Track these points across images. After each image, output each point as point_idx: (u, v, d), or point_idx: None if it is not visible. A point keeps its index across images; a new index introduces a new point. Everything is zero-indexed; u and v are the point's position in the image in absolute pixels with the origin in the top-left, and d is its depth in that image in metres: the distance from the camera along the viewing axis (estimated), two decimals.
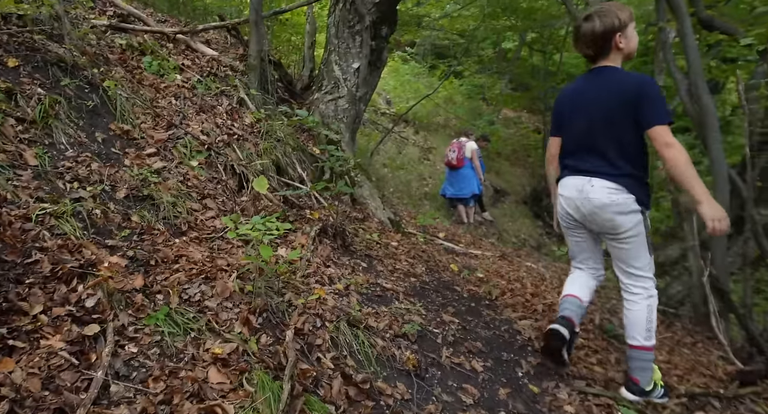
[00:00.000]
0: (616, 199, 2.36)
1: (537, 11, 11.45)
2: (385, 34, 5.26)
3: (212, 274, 2.35)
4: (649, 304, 2.43)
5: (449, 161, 8.38)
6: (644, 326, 2.42)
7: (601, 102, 2.38)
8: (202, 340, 1.96)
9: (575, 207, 2.50)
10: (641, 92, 2.27)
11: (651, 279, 2.47)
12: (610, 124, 2.35)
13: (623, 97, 2.31)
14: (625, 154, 2.35)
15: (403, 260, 3.90)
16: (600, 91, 2.40)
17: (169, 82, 3.80)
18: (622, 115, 2.32)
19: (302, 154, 4.43)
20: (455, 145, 8.39)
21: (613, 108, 2.34)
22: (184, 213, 2.75)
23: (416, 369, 2.36)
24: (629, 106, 2.29)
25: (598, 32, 2.37)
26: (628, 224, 2.38)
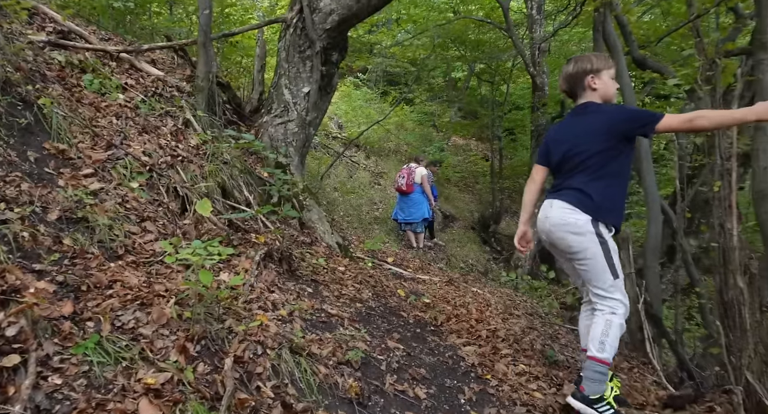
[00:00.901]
0: (569, 220, 2.48)
1: (485, 43, 11.86)
2: (335, 59, 5.31)
3: (149, 300, 2.26)
4: (608, 319, 2.47)
5: (399, 187, 8.45)
6: (598, 338, 2.47)
7: (584, 131, 2.54)
8: (134, 369, 1.86)
9: (540, 227, 2.66)
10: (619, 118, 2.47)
11: (615, 299, 2.50)
12: (589, 150, 2.50)
13: (603, 126, 2.48)
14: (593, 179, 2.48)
15: (350, 285, 3.88)
16: (583, 122, 2.58)
17: (110, 101, 3.69)
18: (604, 141, 2.47)
19: (249, 177, 4.37)
20: (405, 171, 8.50)
21: (595, 136, 2.49)
22: (122, 236, 2.65)
23: (359, 397, 2.33)
24: (617, 129, 2.45)
25: (572, 72, 2.62)
26: (582, 245, 2.47)
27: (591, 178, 2.49)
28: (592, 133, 2.50)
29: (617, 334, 2.47)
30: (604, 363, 2.47)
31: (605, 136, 2.47)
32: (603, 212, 2.49)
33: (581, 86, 2.61)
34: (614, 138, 2.46)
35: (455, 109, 16.99)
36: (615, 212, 2.53)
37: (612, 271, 2.48)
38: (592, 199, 2.47)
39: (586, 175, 2.50)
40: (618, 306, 2.49)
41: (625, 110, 2.59)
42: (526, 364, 3.19)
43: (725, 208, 2.97)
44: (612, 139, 2.46)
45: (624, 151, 2.51)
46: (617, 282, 2.50)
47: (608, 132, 2.47)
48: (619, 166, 2.51)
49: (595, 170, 2.48)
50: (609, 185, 2.49)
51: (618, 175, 2.52)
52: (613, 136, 2.46)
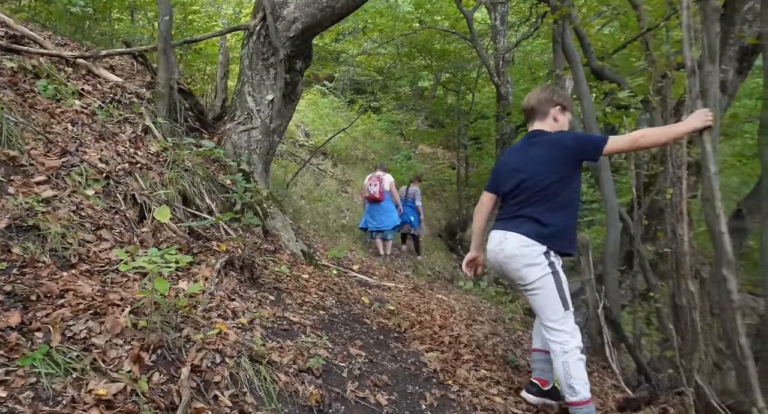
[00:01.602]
0: (525, 252, 2.52)
1: (450, 53, 12.03)
2: (299, 67, 5.31)
3: (102, 310, 2.20)
4: (564, 360, 2.48)
5: (372, 195, 8.44)
6: (565, 384, 2.49)
7: (538, 160, 2.60)
8: (85, 380, 1.82)
9: (492, 258, 2.70)
10: (572, 142, 2.57)
11: (566, 333, 2.51)
12: (545, 180, 2.55)
13: (558, 151, 2.56)
14: (549, 209, 2.54)
15: (314, 293, 3.86)
16: (536, 151, 2.63)
17: (66, 107, 3.61)
18: (558, 170, 2.54)
19: (212, 185, 4.31)
20: (375, 179, 8.52)
21: (546, 162, 2.56)
22: (75, 244, 2.58)
23: (319, 404, 2.32)
24: (565, 156, 2.54)
25: (546, 97, 2.71)
26: (535, 276, 2.52)
27: (546, 208, 2.53)
28: (547, 162, 2.56)
29: (580, 369, 2.49)
30: (584, 403, 2.49)
31: (559, 165, 2.54)
32: (558, 241, 2.54)
33: (546, 112, 2.70)
34: (568, 166, 2.55)
35: (422, 118, 17.14)
36: (569, 241, 2.60)
37: (563, 303, 2.52)
38: (548, 229, 2.51)
39: (541, 205, 2.54)
40: (568, 340, 2.50)
41: (575, 137, 2.68)
42: (488, 369, 3.23)
43: (677, 215, 3.07)
44: (566, 168, 2.55)
45: (574, 178, 2.59)
46: (568, 313, 2.53)
47: (563, 160, 2.54)
48: (571, 193, 2.58)
49: (550, 199, 2.54)
50: (564, 215, 2.55)
51: (570, 203, 2.59)
52: (567, 164, 2.54)
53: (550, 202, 2.53)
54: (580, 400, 2.47)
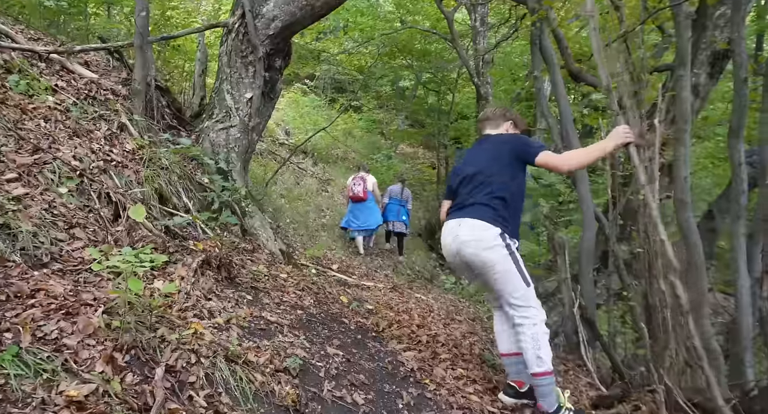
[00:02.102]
0: (480, 235, 2.63)
1: (431, 53, 12.07)
2: (279, 66, 5.28)
3: (75, 310, 2.17)
4: (533, 333, 2.58)
5: (356, 194, 8.55)
6: (534, 354, 2.57)
7: (485, 156, 2.80)
8: (56, 381, 1.79)
9: (448, 248, 2.79)
10: (515, 141, 2.77)
11: (532, 308, 2.63)
12: (494, 171, 2.72)
13: (504, 148, 2.76)
14: (497, 196, 2.67)
15: (292, 292, 3.84)
16: (485, 148, 2.85)
17: (39, 103, 3.54)
18: (501, 162, 2.72)
19: (189, 183, 4.28)
20: (359, 179, 8.65)
21: (494, 158, 2.75)
22: (47, 243, 2.54)
23: (296, 404, 2.31)
24: (510, 153, 2.72)
25: (501, 112, 3.00)
26: (494, 258, 2.61)
27: (494, 195, 2.67)
28: (493, 155, 2.77)
29: (546, 342, 2.60)
30: (548, 374, 2.58)
31: (501, 157, 2.74)
32: (509, 224, 2.67)
33: (498, 123, 2.96)
34: (508, 159, 2.72)
35: (403, 118, 17.18)
36: (516, 225, 2.74)
37: (524, 279, 2.63)
38: (499, 212, 2.65)
39: (489, 192, 2.69)
40: (535, 314, 2.62)
41: (518, 140, 2.83)
42: (464, 368, 3.25)
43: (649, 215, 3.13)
44: (507, 160, 2.72)
45: (518, 173, 2.74)
46: (530, 290, 2.64)
47: (505, 154, 2.73)
48: (516, 185, 2.73)
49: (497, 188, 2.68)
50: (511, 203, 2.70)
51: (516, 193, 2.73)
52: (508, 157, 2.72)
53: (498, 191, 2.68)
54: (545, 370, 2.58)
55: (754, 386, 2.79)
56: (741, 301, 3.16)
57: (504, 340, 2.89)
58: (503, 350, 2.91)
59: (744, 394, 2.74)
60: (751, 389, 2.77)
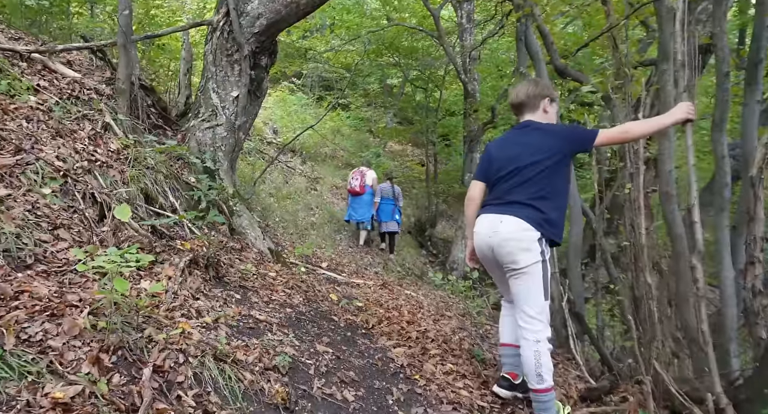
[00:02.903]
0: (522, 235, 2.53)
1: (418, 51, 12.06)
2: (265, 64, 5.26)
3: (60, 311, 2.15)
4: (536, 349, 2.50)
5: (353, 188, 9.12)
6: (534, 371, 2.51)
7: (530, 150, 2.62)
8: (41, 383, 1.77)
9: (484, 241, 2.67)
10: (567, 133, 2.66)
11: (542, 323, 2.54)
12: (537, 166, 2.58)
13: (554, 143, 2.60)
14: (543, 196, 2.56)
15: (281, 291, 3.83)
16: (528, 139, 2.68)
17: (20, 103, 3.50)
18: (550, 157, 2.57)
19: (176, 183, 4.25)
20: (357, 173, 9.20)
21: (541, 152, 2.59)
22: (31, 244, 2.51)
23: (285, 402, 2.31)
24: (562, 147, 2.59)
25: (534, 92, 2.76)
26: (528, 261, 2.52)
27: (539, 195, 2.55)
28: (540, 150, 2.59)
29: (548, 359, 2.53)
30: (548, 391, 2.53)
31: (553, 153, 2.57)
32: (551, 229, 2.56)
33: (535, 106, 2.75)
34: (560, 155, 2.58)
35: (391, 115, 17.16)
36: (559, 229, 2.61)
37: (545, 292, 2.55)
38: (544, 216, 2.53)
39: (534, 192, 2.56)
40: (542, 330, 2.53)
41: (568, 129, 2.78)
42: (454, 363, 3.26)
43: (635, 209, 3.16)
44: (558, 157, 2.58)
45: (565, 168, 2.63)
46: (546, 304, 2.56)
47: (557, 149, 2.58)
48: (562, 182, 2.62)
49: (542, 187, 2.56)
50: (556, 203, 2.59)
51: (561, 191, 2.63)
52: (560, 153, 2.58)
53: (543, 190, 2.56)
54: (545, 387, 2.52)
55: (739, 376, 2.83)
56: (725, 292, 3.19)
57: (507, 330, 2.85)
58: (504, 340, 2.87)
59: (729, 383, 2.77)
60: (736, 379, 2.80)
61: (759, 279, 3.14)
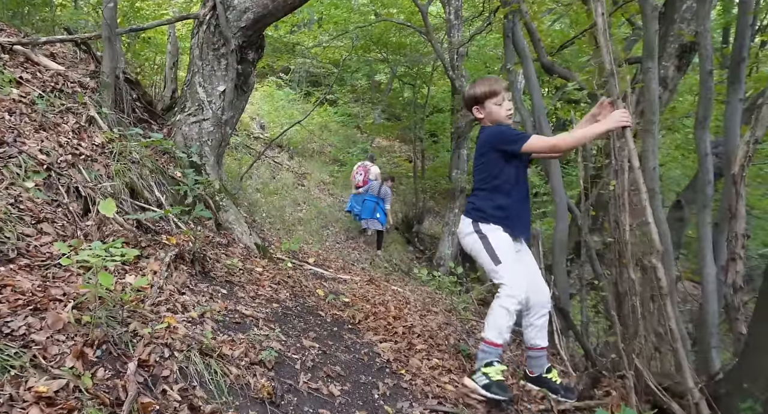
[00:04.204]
0: (461, 227, 2.84)
1: (406, 46, 12.04)
2: (252, 58, 5.22)
3: (43, 305, 2.13)
4: (499, 304, 2.65)
5: (358, 183, 9.54)
6: (489, 321, 2.69)
7: (475, 151, 2.87)
8: (24, 377, 1.76)
9: None
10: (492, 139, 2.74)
11: (503, 283, 2.67)
12: (476, 167, 2.84)
13: (483, 148, 2.78)
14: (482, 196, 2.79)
15: (267, 286, 3.83)
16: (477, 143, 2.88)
17: (2, 96, 3.44)
18: (483, 158, 2.78)
19: (161, 177, 4.21)
20: (361, 168, 9.57)
21: (480, 155, 2.81)
22: (14, 238, 2.49)
23: (271, 396, 2.31)
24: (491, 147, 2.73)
25: (465, 98, 2.89)
26: (469, 245, 2.80)
27: (477, 190, 2.82)
28: (478, 151, 2.82)
29: (498, 317, 2.64)
30: (490, 344, 2.67)
31: (483, 154, 2.78)
32: (478, 213, 2.77)
33: (471, 112, 2.89)
34: (491, 154, 2.74)
35: (379, 111, 17.15)
36: (497, 215, 2.74)
37: (493, 259, 2.69)
38: (474, 205, 2.80)
39: (479, 191, 2.82)
40: (503, 289, 2.66)
41: (499, 131, 2.77)
42: (440, 358, 3.28)
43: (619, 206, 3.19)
44: (489, 156, 2.75)
45: (506, 167, 2.73)
46: (500, 267, 2.67)
47: (486, 150, 2.76)
48: (504, 181, 2.74)
49: (479, 183, 2.81)
50: (490, 193, 2.77)
51: (503, 188, 2.75)
52: (490, 152, 2.75)
53: (479, 185, 2.81)
54: (490, 340, 2.67)
55: (719, 370, 2.87)
56: (707, 288, 3.23)
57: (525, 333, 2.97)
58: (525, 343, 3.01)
59: (710, 378, 2.82)
60: (716, 373, 2.85)
61: (740, 275, 3.19)
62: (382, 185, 9.40)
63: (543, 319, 2.86)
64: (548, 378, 2.90)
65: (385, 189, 9.41)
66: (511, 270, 2.68)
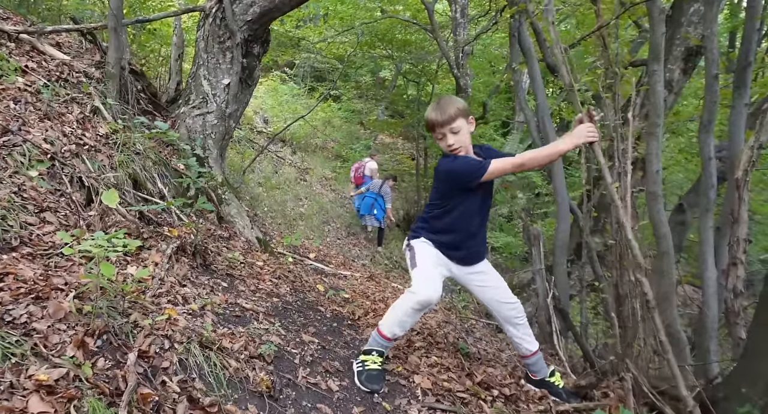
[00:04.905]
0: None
1: (411, 44, 12.02)
2: (257, 52, 5.22)
3: (45, 294, 2.14)
4: (401, 298, 2.68)
5: (351, 179, 10.00)
6: (389, 313, 2.72)
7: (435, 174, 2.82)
8: (25, 365, 1.76)
9: None
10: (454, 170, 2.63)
11: (413, 284, 2.65)
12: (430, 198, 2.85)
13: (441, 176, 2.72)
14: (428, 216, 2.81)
15: (268, 280, 3.83)
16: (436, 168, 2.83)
17: (7, 84, 3.44)
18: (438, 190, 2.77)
19: (164, 169, 4.22)
20: (358, 164, 9.97)
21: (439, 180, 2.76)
22: (17, 227, 2.49)
23: (270, 390, 2.32)
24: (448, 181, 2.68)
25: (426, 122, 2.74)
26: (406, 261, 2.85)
27: (428, 213, 2.81)
28: (436, 177, 2.76)
29: (397, 310, 2.65)
30: (383, 337, 2.72)
31: (440, 182, 2.73)
32: (417, 231, 2.83)
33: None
34: (447, 184, 2.70)
35: (382, 108, 17.13)
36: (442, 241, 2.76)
37: (412, 264, 2.72)
38: (422, 228, 2.83)
39: (427, 209, 2.84)
40: (410, 288, 2.66)
41: (454, 167, 2.64)
42: (439, 356, 3.28)
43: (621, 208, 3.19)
44: (445, 185, 2.71)
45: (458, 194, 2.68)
46: (415, 270, 2.69)
47: (443, 179, 2.71)
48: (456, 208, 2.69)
49: (431, 207, 2.80)
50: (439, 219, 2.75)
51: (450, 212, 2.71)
52: (445, 183, 2.70)
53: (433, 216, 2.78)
54: (383, 333, 2.72)
55: (718, 374, 2.87)
56: (707, 292, 3.23)
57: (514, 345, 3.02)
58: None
59: (708, 381, 2.82)
60: (715, 377, 2.85)
61: (740, 280, 3.18)
62: (383, 184, 9.42)
63: (519, 330, 2.86)
64: (551, 382, 2.92)
65: (386, 188, 9.43)
66: (423, 274, 2.67)
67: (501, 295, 2.84)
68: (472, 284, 2.85)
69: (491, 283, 2.85)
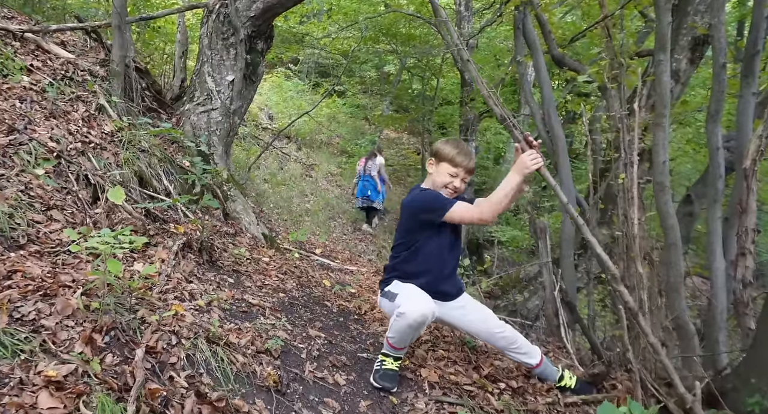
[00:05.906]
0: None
1: (416, 38, 11.97)
2: (261, 48, 5.22)
3: (53, 291, 2.15)
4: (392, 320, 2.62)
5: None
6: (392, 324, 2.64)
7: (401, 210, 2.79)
8: (34, 362, 1.78)
9: None
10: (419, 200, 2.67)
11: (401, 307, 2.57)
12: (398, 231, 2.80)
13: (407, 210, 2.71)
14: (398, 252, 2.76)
15: (274, 276, 3.84)
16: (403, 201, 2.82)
17: (13, 83, 3.46)
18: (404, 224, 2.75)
19: (170, 166, 4.23)
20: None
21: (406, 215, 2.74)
22: (24, 225, 2.51)
23: (277, 385, 2.32)
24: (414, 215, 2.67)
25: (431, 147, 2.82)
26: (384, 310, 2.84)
27: (396, 254, 2.77)
28: (403, 211, 2.75)
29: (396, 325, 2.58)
30: (392, 347, 2.67)
31: (407, 217, 2.72)
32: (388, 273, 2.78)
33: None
34: (413, 219, 2.68)
35: (387, 103, 17.10)
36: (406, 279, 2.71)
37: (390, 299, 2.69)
38: (392, 269, 2.78)
39: (395, 248, 2.79)
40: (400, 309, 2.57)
41: (422, 198, 2.68)
42: (445, 349, 3.28)
43: (628, 199, 3.17)
44: (412, 220, 2.69)
45: (425, 231, 2.66)
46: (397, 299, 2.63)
47: (409, 214, 2.70)
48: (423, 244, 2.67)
49: (399, 247, 2.75)
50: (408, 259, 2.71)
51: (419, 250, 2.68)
52: (412, 217, 2.69)
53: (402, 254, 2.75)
54: (387, 337, 2.68)
55: (727, 365, 2.86)
56: (716, 283, 3.21)
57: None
58: None
59: (717, 372, 2.81)
60: (724, 368, 2.84)
61: (749, 270, 3.16)
62: (366, 163, 9.80)
63: (516, 351, 2.84)
64: (562, 385, 2.90)
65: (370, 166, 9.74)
66: (407, 297, 2.61)
67: (489, 325, 2.81)
68: (456, 320, 2.83)
69: (476, 315, 2.82)
